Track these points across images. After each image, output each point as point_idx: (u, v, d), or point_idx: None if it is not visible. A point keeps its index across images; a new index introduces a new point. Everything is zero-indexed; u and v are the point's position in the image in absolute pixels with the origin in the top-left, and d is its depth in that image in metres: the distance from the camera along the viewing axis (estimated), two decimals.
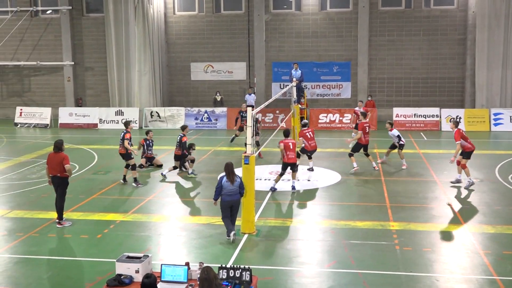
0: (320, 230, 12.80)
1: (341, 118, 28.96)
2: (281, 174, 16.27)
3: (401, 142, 19.13)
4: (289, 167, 16.19)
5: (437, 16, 30.76)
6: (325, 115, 29.12)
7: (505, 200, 15.05)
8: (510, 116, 27.66)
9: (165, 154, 21.68)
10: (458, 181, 16.64)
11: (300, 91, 25.44)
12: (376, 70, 31.58)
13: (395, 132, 19.21)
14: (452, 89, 31.13)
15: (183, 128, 18.67)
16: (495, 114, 27.89)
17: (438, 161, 20.08)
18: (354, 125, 23.85)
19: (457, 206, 14.64)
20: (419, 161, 20.36)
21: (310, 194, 16.17)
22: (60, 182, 13.14)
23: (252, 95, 29.76)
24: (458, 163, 16.42)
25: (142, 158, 19.49)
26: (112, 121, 30.47)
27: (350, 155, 18.70)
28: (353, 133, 22.98)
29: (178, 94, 33.67)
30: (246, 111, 23.17)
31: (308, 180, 17.69)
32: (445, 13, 30.71)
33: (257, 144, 20.06)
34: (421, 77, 31.26)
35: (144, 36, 31.25)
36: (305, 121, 19.64)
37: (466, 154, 16.25)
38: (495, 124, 27.79)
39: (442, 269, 10.43)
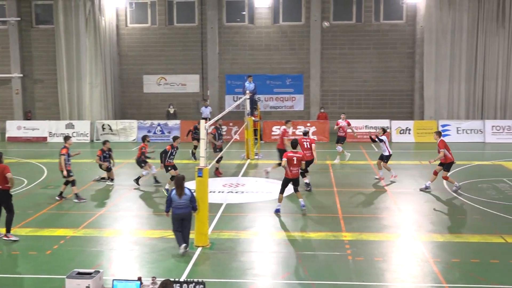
0: (273, 241, 12.83)
1: (294, 130, 29.14)
2: (282, 191, 15.08)
3: (387, 154, 18.88)
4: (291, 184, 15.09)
5: (386, 30, 31.48)
6: (278, 127, 29.21)
7: (452, 209, 15.45)
8: (457, 128, 28.48)
9: (118, 167, 21.35)
10: (427, 187, 17.34)
11: (253, 103, 25.55)
12: (328, 83, 32.02)
13: (384, 137, 18.93)
14: (402, 101, 31.83)
15: (174, 138, 17.79)
16: (443, 126, 28.64)
17: (388, 171, 20.41)
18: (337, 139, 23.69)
19: (407, 215, 14.93)
20: (370, 172, 20.69)
21: (263, 205, 16.19)
22: (2, 195, 12.81)
23: (208, 107, 29.75)
24: (435, 172, 17.21)
25: (103, 169, 19.05)
26: (62, 134, 29.74)
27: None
28: (338, 146, 22.89)
29: (130, 106, 33.31)
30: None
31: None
32: (394, 28, 31.46)
33: (218, 161, 19.65)
34: (372, 90, 31.86)
35: (95, 48, 30.85)
36: (306, 129, 19.00)
37: (447, 165, 16.99)
38: (443, 135, 28.36)
39: (393, 278, 10.61)
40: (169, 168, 17.35)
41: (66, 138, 17.15)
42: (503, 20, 29.47)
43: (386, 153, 18.97)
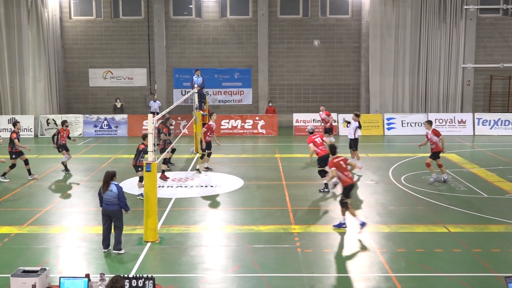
0: (223, 235, 12.86)
1: (243, 124, 29.24)
2: (345, 204, 13.19)
3: (352, 137, 19.47)
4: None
5: (333, 24, 31.88)
6: (227, 121, 29.29)
7: (398, 201, 15.83)
8: (402, 121, 29.16)
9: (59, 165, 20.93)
10: (445, 180, 17.77)
11: (201, 97, 25.45)
12: (276, 77, 32.21)
13: (356, 123, 19.69)
14: (348, 95, 32.34)
15: (144, 137, 15.43)
16: (388, 119, 29.31)
17: None
18: (323, 130, 24.03)
19: (354, 207, 15.19)
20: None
21: (213, 199, 16.20)
22: None
23: (157, 102, 29.45)
24: (440, 165, 17.70)
25: (12, 157, 18.20)
26: (5, 129, 28.94)
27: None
28: (325, 137, 22.90)
29: (76, 101, 32.60)
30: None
31: (209, 186, 17.71)
32: (340, 22, 31.89)
33: (168, 163, 18.89)
34: (319, 84, 32.23)
35: (38, 41, 29.99)
36: (312, 127, 17.96)
37: (434, 154, 17.55)
38: (388, 129, 29.20)
39: (342, 269, 10.81)
40: (139, 169, 15.51)
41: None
42: (444, 15, 30.31)
43: (351, 137, 19.60)
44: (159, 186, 15.70)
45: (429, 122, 18.02)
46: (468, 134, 28.59)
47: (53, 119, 29.24)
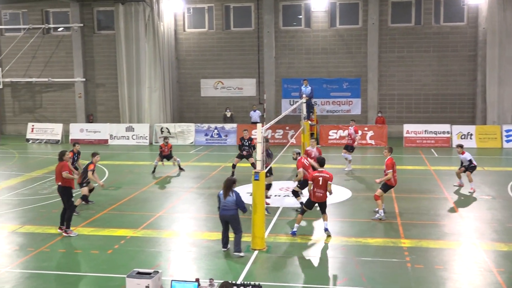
0: (331, 246, 12.71)
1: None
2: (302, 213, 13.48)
3: (472, 165, 18.16)
4: None
5: (447, 32, 30.77)
6: (335, 131, 29.07)
7: None
8: None
9: (175, 170, 21.71)
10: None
11: (310, 107, 25.42)
12: (386, 87, 31.56)
13: (467, 156, 18.20)
14: (463, 105, 31.02)
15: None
16: (507, 131, 27.69)
17: (449, 177, 19.93)
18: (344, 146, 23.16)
19: (469, 223, 14.50)
20: (430, 178, 20.22)
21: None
22: (62, 191, 13.49)
23: (257, 111, 29.84)
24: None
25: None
26: (123, 137, 30.60)
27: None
28: (347, 154, 22.46)
29: (188, 110, 33.79)
30: (248, 139, 20.54)
31: None
32: (455, 30, 30.72)
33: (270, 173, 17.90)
34: (432, 94, 31.19)
35: (154, 53, 31.44)
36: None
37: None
38: (507, 141, 27.59)
39: (455, 287, 10.31)
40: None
41: (94, 154, 16.45)
42: None
43: (472, 165, 18.15)
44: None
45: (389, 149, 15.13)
46: None
47: (166, 128, 30.45)
